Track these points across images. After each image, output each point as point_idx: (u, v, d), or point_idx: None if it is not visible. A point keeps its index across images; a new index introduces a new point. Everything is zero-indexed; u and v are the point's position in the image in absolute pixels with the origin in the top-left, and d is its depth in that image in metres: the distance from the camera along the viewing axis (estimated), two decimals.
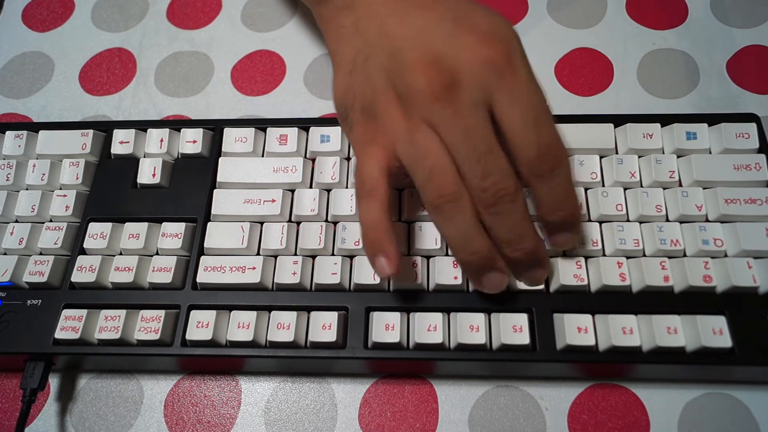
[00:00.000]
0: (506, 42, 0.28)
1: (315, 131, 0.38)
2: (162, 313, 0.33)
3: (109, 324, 0.33)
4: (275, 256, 0.35)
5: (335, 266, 0.34)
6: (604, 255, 0.33)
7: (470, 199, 0.28)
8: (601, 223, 0.34)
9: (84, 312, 0.34)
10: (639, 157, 0.35)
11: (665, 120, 0.36)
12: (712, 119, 0.36)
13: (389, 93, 0.29)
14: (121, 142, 0.39)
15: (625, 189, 0.34)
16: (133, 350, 0.33)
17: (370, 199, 0.30)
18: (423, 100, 0.28)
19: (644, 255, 0.33)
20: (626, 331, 0.31)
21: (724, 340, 0.30)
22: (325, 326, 0.32)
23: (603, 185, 0.35)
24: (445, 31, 0.29)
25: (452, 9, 0.29)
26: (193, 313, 0.33)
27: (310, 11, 0.47)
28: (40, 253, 0.36)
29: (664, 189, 0.34)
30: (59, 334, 0.33)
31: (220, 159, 0.37)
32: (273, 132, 0.38)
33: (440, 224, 0.30)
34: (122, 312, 0.33)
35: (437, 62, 0.28)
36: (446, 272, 0.33)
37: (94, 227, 0.36)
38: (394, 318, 0.32)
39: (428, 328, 0.32)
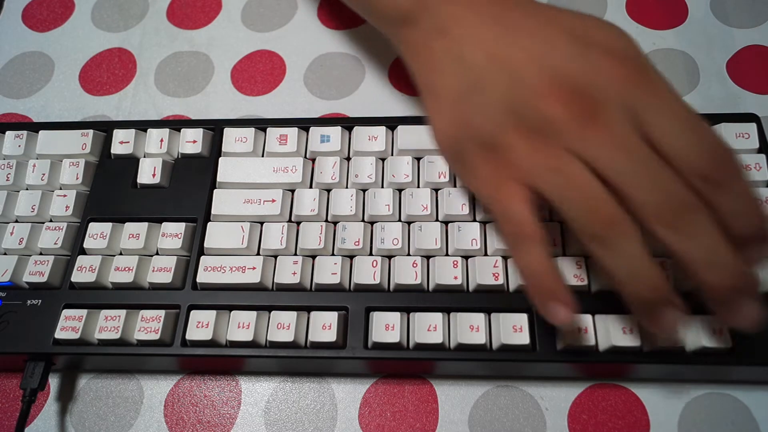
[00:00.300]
0: (636, 55, 0.26)
1: (315, 131, 0.38)
2: (162, 313, 0.33)
3: (109, 324, 0.33)
4: (275, 256, 0.35)
5: (335, 266, 0.34)
6: None
7: (636, 224, 0.25)
8: None
9: (84, 312, 0.34)
10: None
11: None
12: (712, 119, 0.36)
13: (515, 124, 0.27)
14: (121, 142, 0.39)
15: None
16: (133, 350, 0.33)
17: (532, 244, 0.27)
18: (565, 129, 0.25)
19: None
20: (626, 331, 0.30)
21: (724, 340, 0.30)
22: (325, 326, 0.32)
23: None
24: (567, 51, 0.26)
25: (562, 25, 0.27)
26: (193, 313, 0.33)
27: (311, 12, 0.47)
28: (40, 253, 0.36)
29: None
30: (59, 334, 0.33)
31: (220, 159, 0.37)
32: (273, 132, 0.38)
33: (606, 256, 0.26)
34: (122, 312, 0.33)
35: (571, 87, 0.26)
36: (446, 272, 0.33)
37: (94, 227, 0.36)
38: (394, 318, 0.32)
39: (428, 328, 0.32)
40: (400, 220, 0.35)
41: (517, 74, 0.27)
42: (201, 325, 0.33)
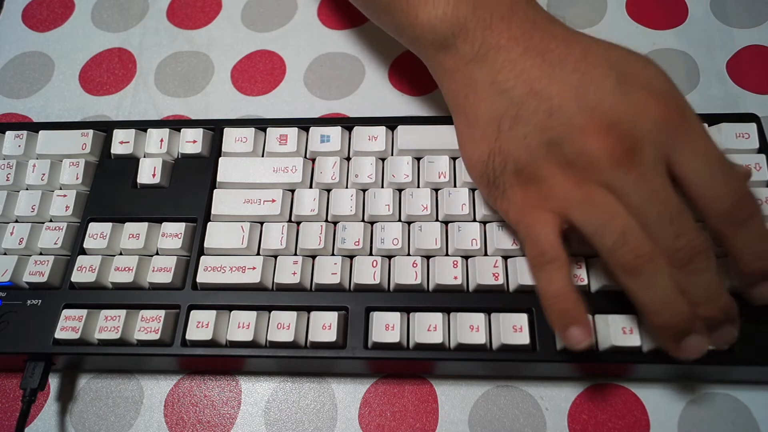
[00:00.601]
0: (676, 97, 0.27)
1: (315, 131, 0.38)
2: (162, 313, 0.33)
3: (109, 324, 0.33)
4: (275, 256, 0.35)
5: (335, 266, 0.34)
6: None
7: (666, 259, 0.27)
8: None
9: (84, 312, 0.34)
10: None
11: None
12: (712, 119, 0.36)
13: (552, 157, 0.28)
14: (121, 142, 0.39)
15: None
16: (133, 350, 0.33)
17: (554, 268, 0.28)
18: (602, 166, 0.27)
19: None
20: (626, 331, 0.30)
21: None
22: (325, 326, 0.32)
23: None
24: (608, 87, 0.27)
25: (603, 58, 0.28)
26: (193, 313, 0.33)
27: (311, 12, 0.47)
28: (40, 253, 0.36)
29: None
30: (59, 334, 0.33)
31: (220, 159, 0.37)
32: (273, 132, 0.38)
33: (638, 288, 0.27)
34: (122, 312, 0.33)
35: (612, 125, 0.27)
36: (446, 272, 0.33)
37: (94, 227, 0.36)
38: (394, 318, 0.32)
39: (428, 328, 0.32)
40: (400, 220, 0.35)
41: (558, 107, 0.27)
42: (201, 325, 0.33)
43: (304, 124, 0.38)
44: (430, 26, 0.31)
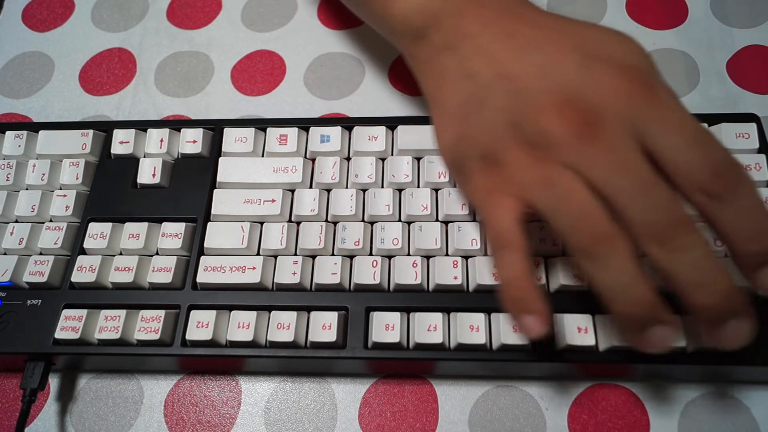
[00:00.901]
0: (643, 69, 0.26)
1: (315, 131, 0.38)
2: (162, 313, 0.33)
3: (109, 324, 0.33)
4: (275, 256, 0.35)
5: (335, 266, 0.34)
6: None
7: (628, 240, 0.25)
8: None
9: (84, 312, 0.34)
10: None
11: None
12: (712, 119, 0.36)
13: (515, 138, 0.27)
14: (121, 142, 0.39)
15: None
16: (133, 350, 0.33)
17: (509, 252, 0.27)
18: (564, 144, 0.25)
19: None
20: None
21: None
22: (325, 326, 0.32)
23: None
24: (573, 65, 0.26)
25: (572, 36, 0.27)
26: (193, 313, 0.33)
27: (311, 12, 0.47)
28: (40, 253, 0.36)
29: None
30: (59, 334, 0.33)
31: (220, 159, 0.37)
32: (273, 132, 0.38)
33: (594, 272, 0.25)
34: (122, 312, 0.33)
35: (573, 102, 0.25)
36: (446, 272, 0.33)
37: (94, 227, 0.36)
38: (394, 318, 0.32)
39: (428, 328, 0.32)
40: (400, 220, 0.35)
41: (520, 89, 0.27)
42: (201, 325, 0.33)
43: (304, 124, 0.38)
44: (403, 17, 0.32)
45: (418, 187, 0.36)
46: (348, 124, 0.38)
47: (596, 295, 0.26)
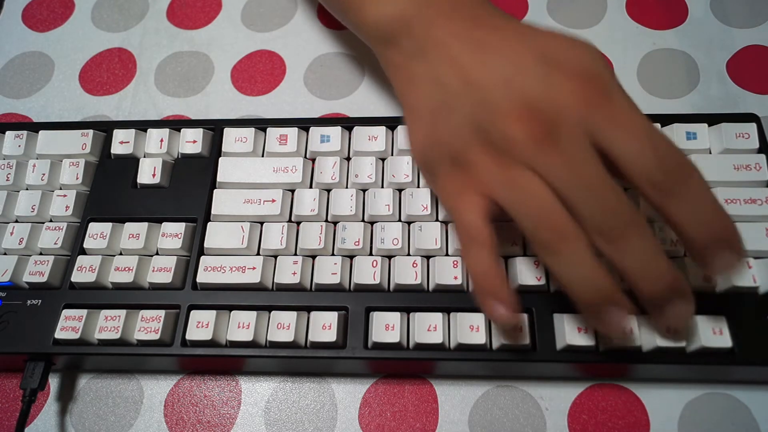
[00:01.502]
0: (599, 75, 0.27)
1: (315, 131, 0.38)
2: (162, 313, 0.33)
3: (109, 324, 0.33)
4: (275, 256, 0.35)
5: (335, 266, 0.34)
6: None
7: (586, 236, 0.27)
8: None
9: (84, 312, 0.34)
10: None
11: (665, 120, 0.36)
12: (712, 119, 0.36)
13: (481, 143, 0.28)
14: (121, 142, 0.39)
15: (625, 190, 0.34)
16: (133, 350, 0.33)
17: (477, 247, 0.28)
18: (523, 147, 0.27)
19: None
20: (626, 331, 0.30)
21: (724, 340, 0.30)
22: (325, 326, 0.32)
23: None
24: (533, 72, 0.28)
25: (534, 47, 0.28)
26: (193, 313, 0.33)
27: (311, 12, 0.47)
28: (40, 253, 0.36)
29: None
30: (59, 334, 0.33)
31: (220, 159, 0.37)
32: (273, 132, 0.38)
33: (556, 267, 0.27)
34: (122, 312, 0.33)
35: (532, 108, 0.27)
36: (446, 272, 0.33)
37: (94, 227, 0.36)
38: (394, 318, 0.32)
39: (428, 328, 0.32)
40: (400, 220, 0.35)
41: (485, 95, 0.28)
42: (201, 325, 0.33)
43: (304, 124, 0.38)
44: (376, 24, 0.33)
45: (418, 187, 0.36)
46: (348, 124, 0.38)
47: (558, 284, 0.28)
